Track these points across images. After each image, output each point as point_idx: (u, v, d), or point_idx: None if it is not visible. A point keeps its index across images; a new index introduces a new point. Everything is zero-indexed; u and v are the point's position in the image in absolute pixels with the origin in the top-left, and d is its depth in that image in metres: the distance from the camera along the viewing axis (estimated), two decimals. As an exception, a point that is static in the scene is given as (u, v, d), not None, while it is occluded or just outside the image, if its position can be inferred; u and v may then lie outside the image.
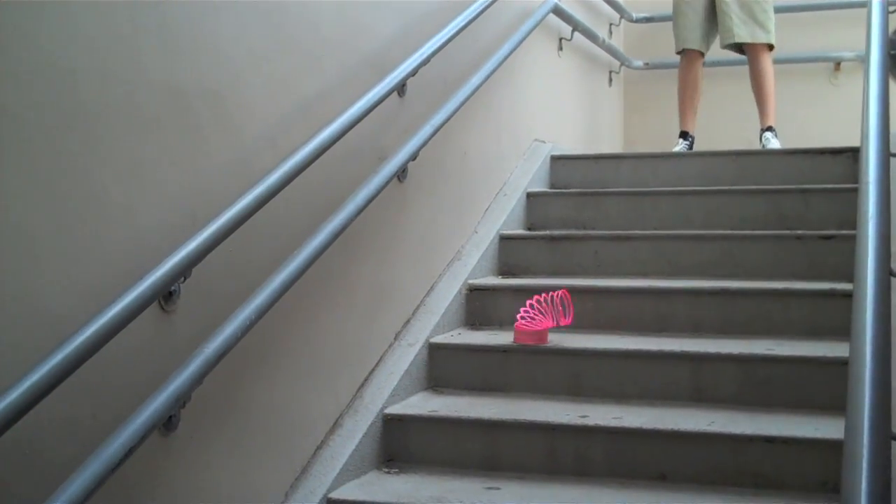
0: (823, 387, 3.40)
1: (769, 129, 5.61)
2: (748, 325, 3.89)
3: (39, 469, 2.11)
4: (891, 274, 2.26)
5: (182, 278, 2.52)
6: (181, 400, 2.42)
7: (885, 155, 2.77)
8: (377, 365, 3.65)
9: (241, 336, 2.61)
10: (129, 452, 2.19)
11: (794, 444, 3.12)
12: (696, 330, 3.93)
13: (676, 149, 5.74)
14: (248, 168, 2.86)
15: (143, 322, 2.38)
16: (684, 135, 5.84)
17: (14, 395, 1.95)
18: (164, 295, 2.52)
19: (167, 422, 2.50)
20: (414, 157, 3.78)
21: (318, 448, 3.24)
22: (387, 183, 3.48)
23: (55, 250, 2.21)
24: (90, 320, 2.16)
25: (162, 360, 2.47)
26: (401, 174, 3.76)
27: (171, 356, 2.49)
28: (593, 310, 4.08)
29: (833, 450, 2.93)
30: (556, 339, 3.83)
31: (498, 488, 3.17)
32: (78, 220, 2.28)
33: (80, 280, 2.27)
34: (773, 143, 5.51)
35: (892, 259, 2.34)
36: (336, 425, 3.34)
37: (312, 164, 2.99)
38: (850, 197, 4.13)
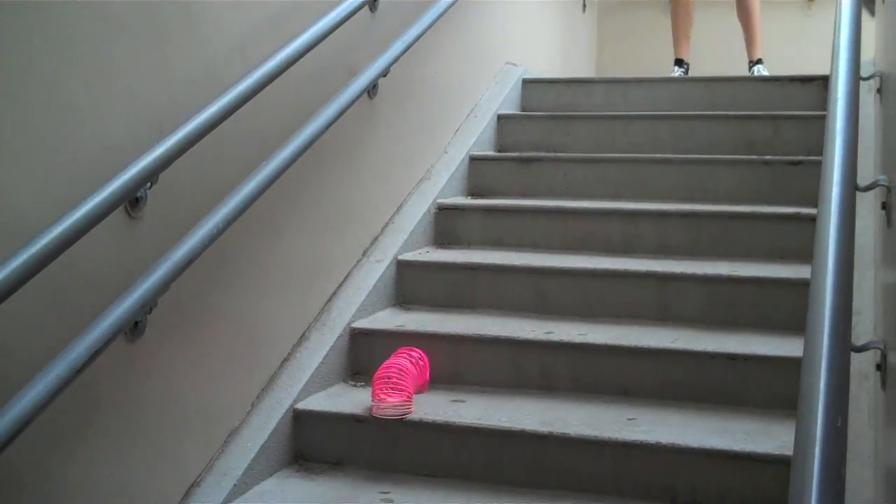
0: (787, 308, 3.45)
1: (759, 61, 5.64)
2: (714, 247, 3.91)
3: (3, 369, 2.10)
4: (856, 188, 2.27)
5: (149, 184, 2.50)
6: (147, 305, 2.42)
7: (854, 75, 2.78)
8: (345, 280, 3.65)
9: (209, 244, 2.60)
10: (94, 356, 2.19)
11: (756, 361, 3.16)
12: (663, 251, 3.95)
13: (675, 74, 5.75)
14: (216, 78, 2.83)
15: (109, 227, 2.37)
16: (679, 62, 5.85)
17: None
18: (131, 200, 2.50)
19: (133, 327, 2.50)
20: (385, 73, 3.75)
21: (285, 360, 3.25)
22: (357, 98, 3.45)
23: (22, 153, 2.18)
24: (56, 221, 2.14)
25: (128, 267, 2.46)
26: (371, 90, 3.73)
27: (137, 263, 2.48)
28: (562, 230, 4.09)
29: (794, 367, 2.96)
30: (525, 259, 3.84)
31: (463, 401, 3.21)
32: (45, 124, 2.25)
33: (46, 183, 2.25)
34: (764, 74, 5.52)
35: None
36: (303, 338, 3.35)
37: (282, 77, 2.96)
38: (819, 124, 4.12)
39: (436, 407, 3.13)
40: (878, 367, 2.45)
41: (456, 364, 3.41)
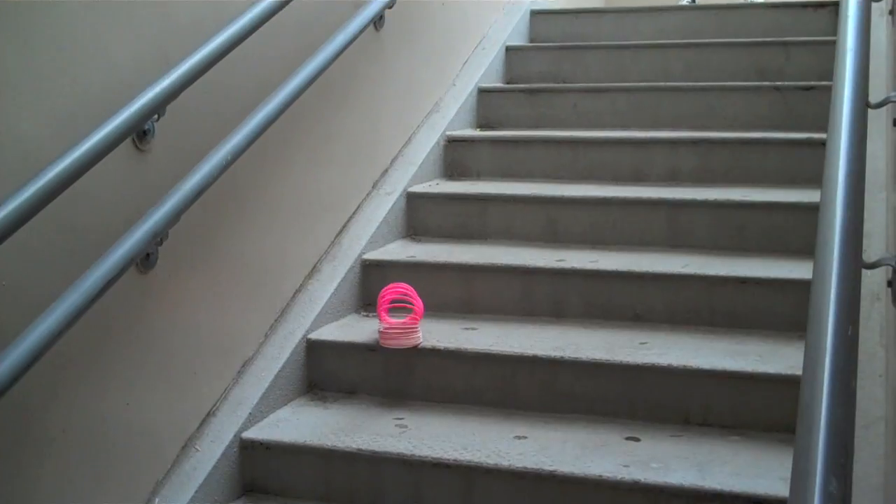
0: (797, 232, 3.44)
1: None
2: (725, 174, 3.90)
3: (19, 301, 2.12)
4: (867, 105, 2.26)
5: (156, 116, 2.50)
6: (158, 237, 2.43)
7: (866, -7, 2.74)
8: (355, 213, 3.66)
9: (218, 176, 2.61)
10: (107, 285, 2.21)
11: (767, 285, 3.16)
12: (674, 179, 3.94)
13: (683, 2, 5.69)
14: (222, 8, 2.81)
15: (118, 160, 2.38)
16: None
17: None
18: (139, 133, 2.50)
19: (145, 259, 2.52)
20: (390, 4, 3.73)
21: (297, 292, 3.27)
22: (363, 29, 3.43)
23: (27, 87, 2.17)
24: (64, 153, 2.15)
25: (138, 199, 2.47)
26: (377, 22, 3.71)
27: (147, 195, 2.48)
28: (571, 160, 4.08)
29: (806, 290, 2.97)
30: (535, 189, 3.83)
31: (475, 329, 3.22)
32: (49, 58, 2.24)
33: (54, 117, 2.24)
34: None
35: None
36: (314, 270, 3.37)
37: (288, 9, 2.95)
38: (831, 50, 4.10)
39: (448, 335, 3.14)
40: (889, 283, 2.44)
41: (467, 293, 3.43)
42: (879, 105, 2.49)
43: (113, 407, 2.44)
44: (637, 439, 2.74)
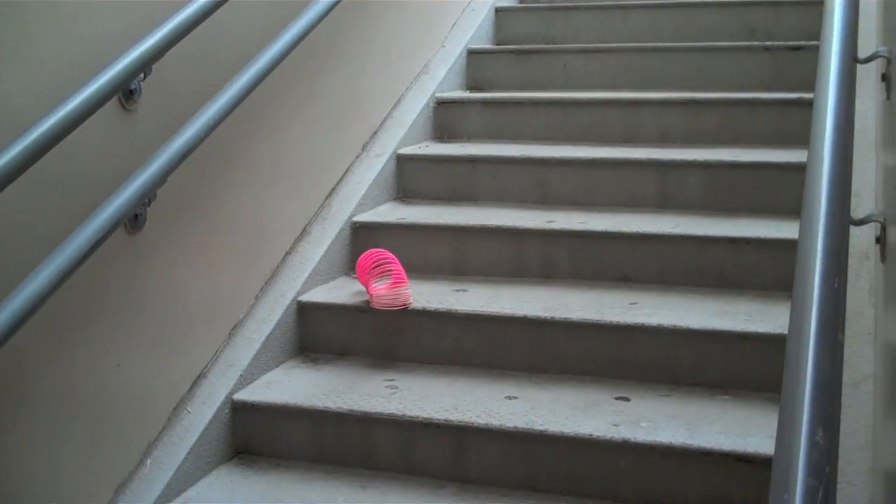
0: (788, 192, 3.43)
1: None
2: (715, 134, 3.89)
3: (5, 262, 2.11)
4: (855, 60, 2.25)
5: (142, 75, 2.48)
6: (146, 197, 2.42)
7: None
8: (344, 175, 3.65)
9: (205, 136, 2.59)
10: (96, 245, 2.20)
11: (756, 245, 3.17)
12: (664, 140, 3.93)
13: None
14: (207, -33, 2.78)
15: (104, 120, 2.36)
16: None
17: (-25, 182, 1.94)
18: (125, 92, 2.48)
19: (133, 220, 2.51)
20: (378, -36, 3.71)
21: (287, 254, 3.26)
22: (350, -11, 3.41)
23: (9, 45, 2.15)
24: (50, 112, 2.13)
25: (126, 160, 2.46)
26: (365, -18, 3.69)
27: (134, 156, 2.47)
28: (561, 122, 4.06)
29: (794, 250, 2.99)
30: (525, 151, 3.82)
31: (465, 290, 3.23)
32: (33, 17, 2.22)
33: (38, 75, 2.23)
34: None
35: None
36: (304, 233, 3.36)
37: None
38: (821, 10, 4.10)
39: (438, 296, 3.15)
40: (878, 239, 2.45)
41: (458, 255, 3.42)
42: (868, 60, 2.49)
43: (104, 369, 2.44)
44: (627, 399, 2.75)
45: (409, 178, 3.87)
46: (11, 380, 2.14)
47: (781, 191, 3.46)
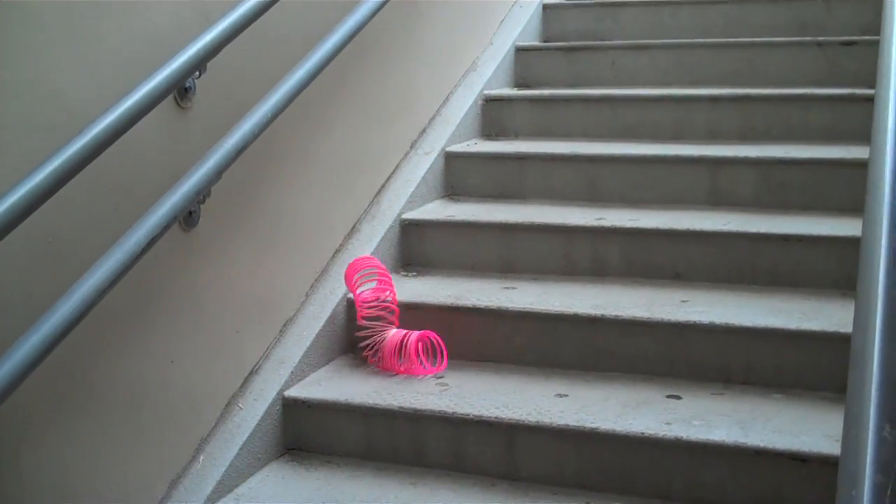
0: (841, 189, 3.40)
1: None
2: (767, 131, 3.85)
3: (65, 258, 2.13)
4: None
5: (197, 73, 2.50)
6: (201, 194, 2.43)
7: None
8: (393, 173, 3.65)
9: (258, 133, 2.61)
10: (152, 242, 2.22)
11: (810, 242, 3.13)
12: (714, 137, 3.89)
13: None
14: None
15: (159, 117, 2.38)
16: None
17: (37, 178, 1.96)
18: (180, 90, 2.50)
19: (188, 217, 2.53)
20: (427, -38, 3.71)
21: (337, 251, 3.27)
22: (400, -14, 3.42)
23: (67, 44, 2.18)
24: (107, 111, 2.15)
25: (180, 157, 2.48)
26: (415, -21, 3.69)
27: (189, 153, 2.49)
28: (610, 119, 4.04)
29: (850, 247, 2.95)
30: (574, 148, 3.81)
31: (514, 288, 3.22)
32: (89, 14, 2.24)
33: (95, 74, 2.25)
34: None
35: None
36: (354, 230, 3.37)
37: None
38: (873, 3, 4.05)
39: (487, 294, 3.14)
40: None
41: (507, 253, 3.42)
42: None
43: (156, 365, 2.46)
44: (678, 397, 2.73)
45: (457, 176, 3.87)
46: (68, 376, 2.17)
47: (835, 187, 3.42)
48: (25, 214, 1.93)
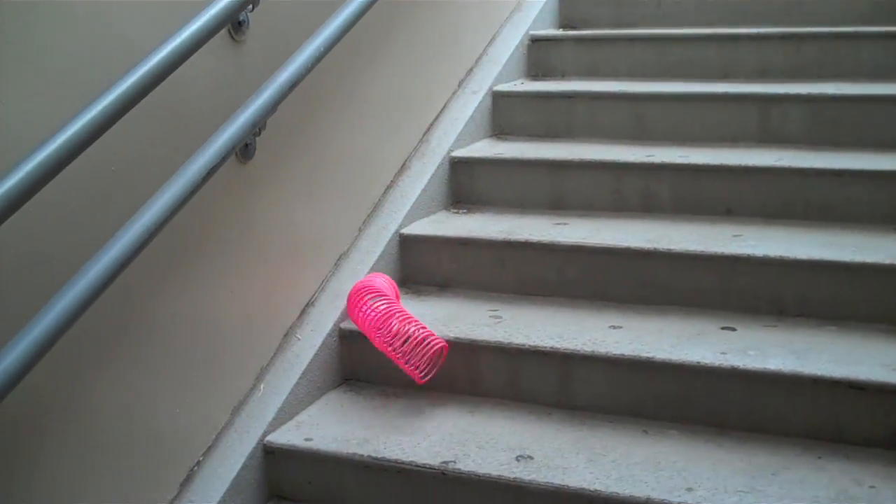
0: (894, 125, 3.37)
1: None
2: (817, 68, 3.81)
3: (128, 186, 2.16)
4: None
5: (250, 6, 2.51)
6: (257, 126, 2.45)
7: None
8: (442, 111, 3.65)
9: (312, 66, 2.62)
10: (210, 173, 2.24)
11: (863, 177, 3.11)
12: (763, 75, 3.86)
13: None
14: None
15: (214, 51, 2.40)
16: None
17: (96, 109, 1.97)
18: (234, 23, 2.51)
19: (244, 149, 2.55)
20: None
21: (388, 188, 3.29)
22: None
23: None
24: (162, 43, 2.16)
25: (236, 90, 2.49)
26: (461, -83, 3.67)
27: (244, 85, 2.51)
28: (657, 58, 4.01)
29: (903, 181, 2.96)
30: (622, 87, 3.79)
31: (566, 224, 3.22)
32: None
33: (149, 8, 2.26)
34: None
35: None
36: (404, 167, 3.38)
37: None
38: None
39: (539, 229, 3.15)
40: None
41: (556, 190, 3.42)
42: None
43: (217, 295, 2.50)
44: (733, 329, 2.74)
45: (504, 115, 3.86)
46: (131, 306, 2.20)
47: (888, 124, 3.39)
48: (89, 142, 1.95)
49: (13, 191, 1.77)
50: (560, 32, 4.32)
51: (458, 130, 3.58)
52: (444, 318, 2.88)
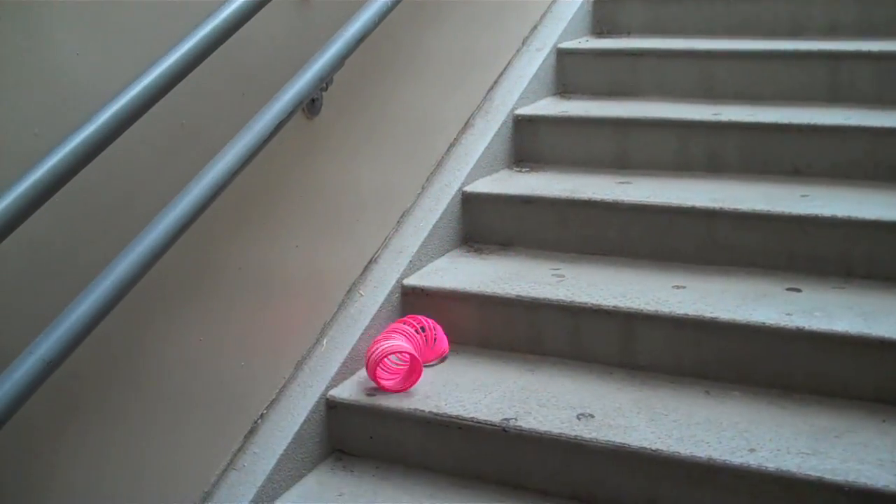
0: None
1: None
2: (888, 26, 3.71)
3: (199, 139, 2.18)
4: None
5: (318, -38, 2.51)
6: (324, 81, 2.45)
7: None
8: (505, 69, 3.64)
9: (378, 22, 2.60)
10: (279, 126, 2.25)
11: (935, 137, 3.05)
12: (833, 32, 3.78)
13: None
14: None
15: (282, 5, 2.40)
16: None
17: (169, 61, 1.99)
18: (302, -21, 2.52)
19: (311, 104, 2.57)
20: None
21: (451, 145, 3.29)
22: None
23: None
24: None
25: (303, 45, 2.50)
26: None
27: (311, 41, 2.51)
28: (725, 15, 3.95)
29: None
30: (688, 44, 3.73)
31: (629, 183, 3.20)
32: None
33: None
34: None
35: None
36: (467, 125, 3.37)
37: None
38: None
39: (602, 188, 3.13)
40: None
41: (621, 148, 3.39)
42: None
43: (284, 249, 2.52)
44: (798, 290, 2.71)
45: (569, 73, 3.83)
46: (199, 253, 2.23)
47: (962, 83, 3.32)
48: (158, 97, 1.97)
49: (91, 138, 1.81)
50: (626, -11, 4.27)
51: (521, 88, 3.56)
52: (506, 276, 2.88)
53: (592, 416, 2.40)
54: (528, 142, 3.49)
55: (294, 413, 2.51)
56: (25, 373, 1.67)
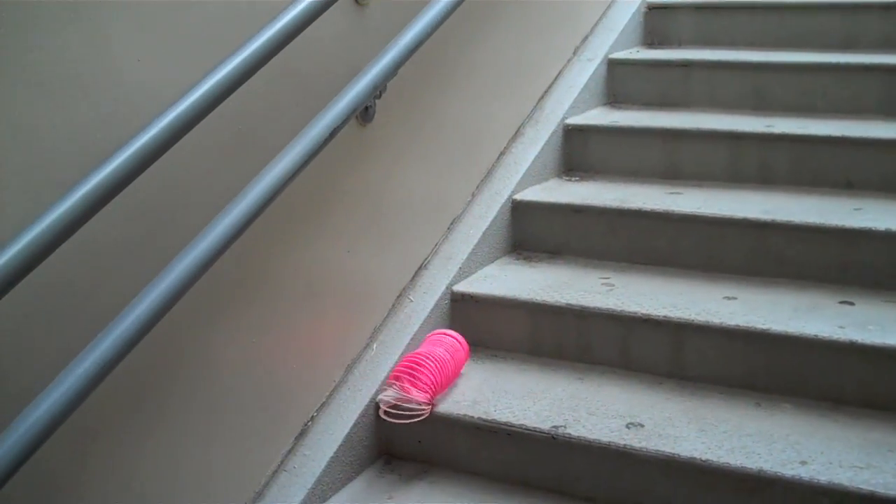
0: None
1: None
2: (944, 39, 3.70)
3: (255, 144, 2.21)
4: None
5: (375, -30, 2.54)
6: (378, 89, 2.47)
7: None
8: (556, 79, 3.64)
9: (431, 32, 2.62)
10: (333, 133, 2.27)
11: None
12: (887, 45, 3.76)
13: None
14: None
15: (338, 14, 2.43)
16: None
17: (228, 67, 2.02)
18: (358, -14, 2.54)
19: (364, 112, 2.59)
20: None
21: (502, 154, 3.30)
22: None
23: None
24: (288, 7, 2.19)
25: (358, 53, 2.53)
26: None
27: (366, 49, 2.53)
28: (777, 27, 3.93)
29: None
30: (740, 56, 3.72)
31: (680, 193, 3.20)
32: None
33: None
34: None
35: None
36: (518, 134, 3.39)
37: None
38: None
39: (652, 198, 3.13)
40: None
41: (671, 159, 3.39)
42: None
43: (336, 254, 2.55)
44: (851, 303, 2.69)
45: (619, 83, 3.83)
46: (248, 261, 2.26)
47: None
48: (219, 101, 2.00)
49: (149, 144, 1.84)
50: (678, 0, 4.26)
51: (572, 98, 3.57)
52: (556, 284, 2.89)
53: (642, 425, 2.39)
54: (578, 151, 3.50)
55: (344, 416, 2.53)
56: (85, 371, 1.70)
